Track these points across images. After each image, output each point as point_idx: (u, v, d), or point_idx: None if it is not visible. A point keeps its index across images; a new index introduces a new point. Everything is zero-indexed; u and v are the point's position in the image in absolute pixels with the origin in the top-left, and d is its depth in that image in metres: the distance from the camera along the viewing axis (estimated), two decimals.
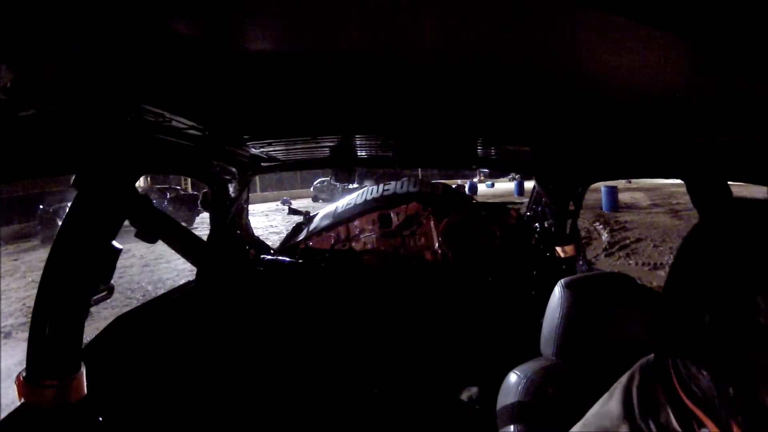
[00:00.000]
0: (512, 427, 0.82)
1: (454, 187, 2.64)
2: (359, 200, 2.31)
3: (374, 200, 2.27)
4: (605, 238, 7.64)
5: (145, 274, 6.80)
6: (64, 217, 0.90)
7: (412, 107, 0.97)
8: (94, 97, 0.66)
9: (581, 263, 2.04)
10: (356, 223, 2.26)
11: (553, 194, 2.02)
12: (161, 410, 1.29)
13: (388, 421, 1.76)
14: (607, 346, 0.84)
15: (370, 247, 2.19)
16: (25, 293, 6.15)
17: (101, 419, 0.92)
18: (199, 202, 1.93)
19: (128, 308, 1.48)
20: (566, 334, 0.87)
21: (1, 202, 11.94)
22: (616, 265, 5.95)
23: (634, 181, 16.19)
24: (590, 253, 6.55)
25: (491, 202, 2.52)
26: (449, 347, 1.87)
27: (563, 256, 2.03)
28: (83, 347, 0.92)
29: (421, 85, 0.78)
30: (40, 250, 10.10)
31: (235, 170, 1.78)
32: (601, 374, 0.69)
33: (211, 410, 1.54)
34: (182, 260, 1.72)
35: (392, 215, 2.20)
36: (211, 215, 1.85)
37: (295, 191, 22.60)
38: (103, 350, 1.21)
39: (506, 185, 22.66)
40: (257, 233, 2.33)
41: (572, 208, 2.02)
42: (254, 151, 1.58)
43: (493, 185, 23.68)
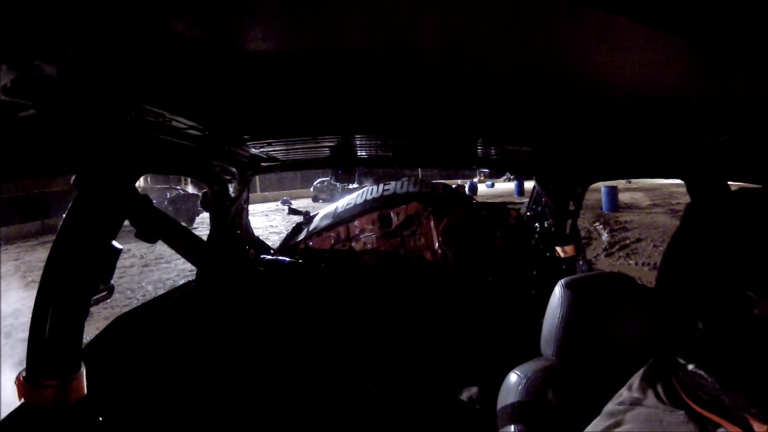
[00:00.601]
0: (512, 427, 0.82)
1: (454, 187, 2.64)
2: (359, 200, 2.31)
3: (374, 200, 2.27)
4: (605, 238, 7.64)
5: (145, 274, 6.79)
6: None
7: (412, 107, 0.97)
8: (94, 97, 0.66)
9: (581, 263, 2.04)
10: (356, 223, 2.26)
11: (553, 194, 2.02)
12: (161, 410, 1.29)
13: (388, 421, 1.76)
14: (607, 346, 0.84)
15: (370, 247, 2.19)
16: None
17: (101, 419, 0.92)
18: (199, 202, 1.93)
19: (128, 308, 1.48)
20: (566, 334, 0.87)
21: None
22: (616, 265, 5.95)
23: (634, 181, 16.20)
24: (590, 253, 6.56)
25: (491, 202, 2.52)
26: (449, 347, 1.87)
27: (563, 256, 2.03)
28: (83, 347, 0.92)
29: (421, 85, 0.78)
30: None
31: (235, 170, 1.78)
32: (601, 374, 0.69)
33: (211, 410, 1.54)
34: (182, 260, 1.72)
35: (392, 215, 2.20)
36: (211, 215, 1.85)
37: (295, 191, 22.58)
38: (103, 350, 1.21)
39: (506, 185, 22.67)
40: (257, 233, 2.33)
41: (572, 208, 2.02)
42: (254, 151, 1.58)
43: (493, 185, 23.67)
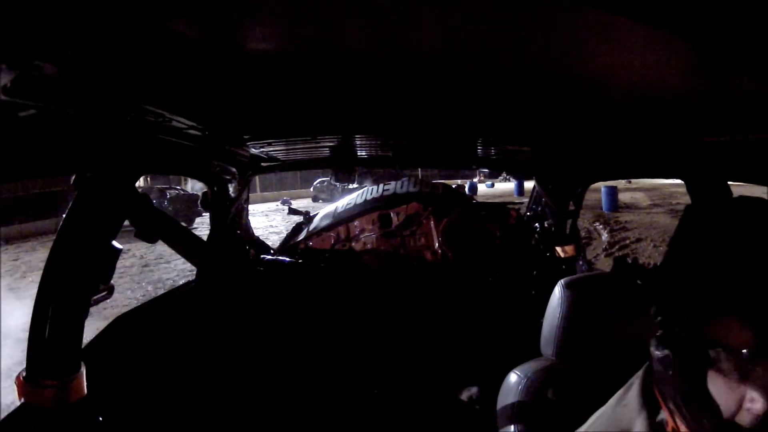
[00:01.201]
0: (512, 427, 0.82)
1: (454, 187, 2.64)
2: (359, 200, 2.31)
3: (374, 200, 2.27)
4: (605, 238, 7.64)
5: (145, 274, 6.79)
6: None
7: (412, 107, 0.97)
8: (94, 97, 0.66)
9: (581, 263, 2.04)
10: (356, 223, 2.26)
11: (553, 194, 2.02)
12: (161, 410, 1.29)
13: (388, 421, 1.75)
14: (607, 346, 0.84)
15: (370, 247, 2.19)
16: None
17: (101, 419, 0.92)
18: (199, 202, 1.93)
19: (128, 308, 1.48)
20: (566, 334, 0.87)
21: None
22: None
23: (634, 181, 16.18)
24: (590, 253, 6.56)
25: (491, 202, 2.52)
26: (449, 347, 1.87)
27: (563, 256, 2.03)
28: (83, 347, 0.92)
29: (421, 85, 0.78)
30: None
31: (235, 170, 1.78)
32: (601, 374, 0.69)
33: (211, 410, 1.54)
34: (182, 260, 1.72)
35: (392, 215, 2.20)
36: (211, 215, 1.85)
37: (295, 191, 22.57)
38: (103, 350, 1.21)
39: (506, 185, 22.66)
40: (257, 233, 2.33)
41: (572, 208, 2.02)
42: (254, 151, 1.58)
43: (493, 185, 23.66)
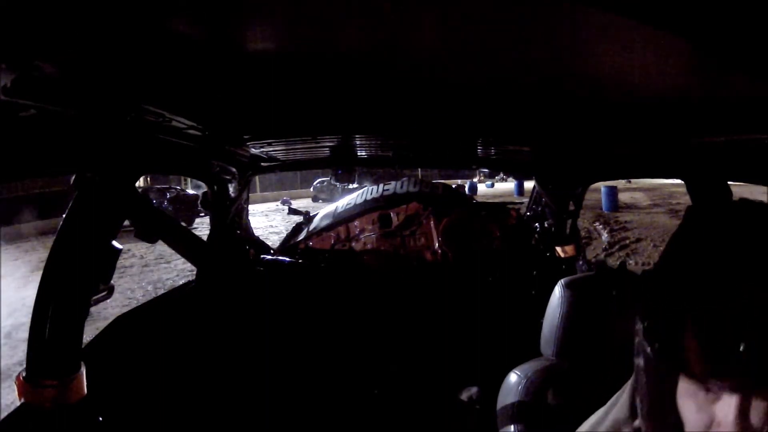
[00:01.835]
0: (512, 427, 0.82)
1: (454, 187, 2.64)
2: (359, 200, 2.31)
3: (374, 200, 2.27)
4: (605, 238, 7.64)
5: (145, 274, 6.79)
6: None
7: (411, 107, 0.97)
8: (94, 97, 0.67)
9: (581, 263, 2.04)
10: (356, 223, 2.26)
11: (553, 194, 2.02)
12: (161, 410, 1.29)
13: (388, 421, 1.75)
14: (607, 346, 0.84)
15: (370, 247, 2.19)
16: None
17: (101, 419, 0.92)
18: (199, 202, 1.93)
19: (128, 308, 1.48)
20: (566, 334, 0.87)
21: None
22: (615, 265, 5.94)
23: (634, 181, 16.17)
24: (590, 253, 6.55)
25: (491, 202, 2.52)
26: (449, 347, 1.86)
27: (563, 256, 2.03)
28: (83, 347, 0.92)
29: (421, 85, 0.78)
30: None
31: (235, 170, 1.78)
32: (601, 374, 0.69)
33: (211, 410, 1.54)
34: (182, 260, 1.72)
35: (392, 215, 2.20)
36: (211, 215, 1.85)
37: (295, 191, 22.55)
38: (103, 350, 1.21)
39: (506, 185, 22.66)
40: (257, 233, 2.33)
41: (572, 208, 2.02)
42: (254, 151, 1.58)
43: (492, 185, 23.66)
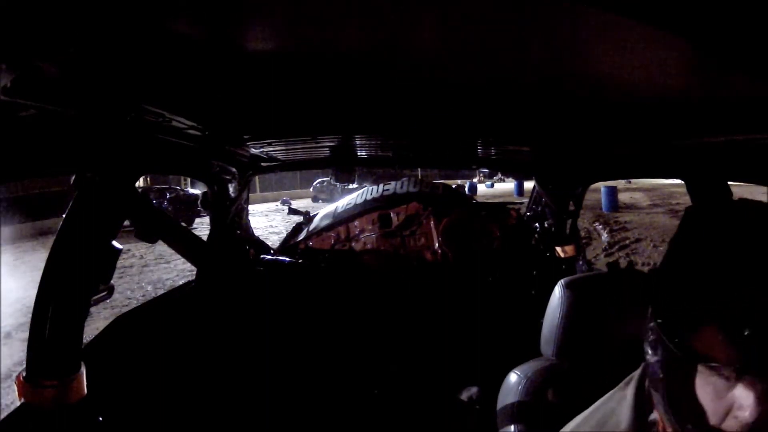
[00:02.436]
0: (512, 427, 0.82)
1: (454, 187, 2.64)
2: (359, 200, 2.31)
3: (374, 200, 2.27)
4: (605, 238, 7.64)
5: (145, 274, 6.79)
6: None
7: (411, 107, 0.97)
8: (94, 97, 0.67)
9: (581, 263, 2.04)
10: (356, 223, 2.26)
11: (553, 194, 2.02)
12: (161, 410, 1.29)
13: (388, 421, 1.75)
14: (607, 346, 0.84)
15: (370, 247, 2.19)
16: None
17: (101, 419, 0.92)
18: (199, 202, 1.93)
19: (128, 308, 1.48)
20: (566, 334, 0.87)
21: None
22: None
23: (634, 181, 16.19)
24: (590, 253, 6.55)
25: (491, 202, 2.52)
26: (449, 347, 1.87)
27: (563, 256, 2.03)
28: (83, 347, 0.92)
29: (421, 85, 0.78)
30: None
31: (235, 170, 1.78)
32: (601, 374, 0.69)
33: (211, 410, 1.54)
34: (182, 260, 1.72)
35: (392, 215, 2.20)
36: (211, 215, 1.85)
37: (295, 191, 22.55)
38: (103, 350, 1.21)
39: (506, 185, 22.66)
40: (257, 233, 2.33)
41: (572, 208, 2.02)
42: (254, 151, 1.58)
43: (492, 185, 23.67)
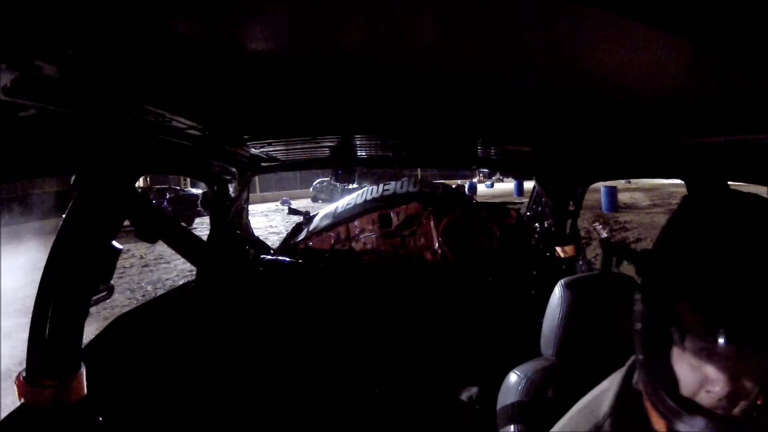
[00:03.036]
0: (512, 427, 0.82)
1: (454, 187, 2.64)
2: (359, 200, 2.31)
3: (374, 200, 2.27)
4: (605, 238, 7.64)
5: (145, 274, 6.79)
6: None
7: (411, 107, 0.97)
8: (94, 97, 0.66)
9: (581, 263, 2.04)
10: (356, 223, 2.26)
11: (553, 194, 2.02)
12: (161, 410, 1.29)
13: (388, 421, 1.76)
14: (607, 346, 0.84)
15: (370, 247, 2.19)
16: None
17: (101, 419, 0.92)
18: (199, 202, 1.93)
19: (128, 308, 1.48)
20: (566, 334, 0.87)
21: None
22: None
23: (634, 181, 16.18)
24: (590, 253, 6.55)
25: (491, 202, 2.52)
26: (449, 347, 1.87)
27: (563, 256, 2.03)
28: (83, 347, 0.92)
29: (421, 85, 0.78)
30: None
31: (235, 170, 1.78)
32: (601, 374, 0.69)
33: (211, 410, 1.54)
34: (182, 260, 1.72)
35: (392, 215, 2.20)
36: (211, 215, 1.85)
37: (294, 191, 22.53)
38: (103, 350, 1.21)
39: (506, 185, 22.66)
40: (257, 233, 2.33)
41: (572, 208, 2.02)
42: (254, 151, 1.58)
43: (492, 185, 23.67)
